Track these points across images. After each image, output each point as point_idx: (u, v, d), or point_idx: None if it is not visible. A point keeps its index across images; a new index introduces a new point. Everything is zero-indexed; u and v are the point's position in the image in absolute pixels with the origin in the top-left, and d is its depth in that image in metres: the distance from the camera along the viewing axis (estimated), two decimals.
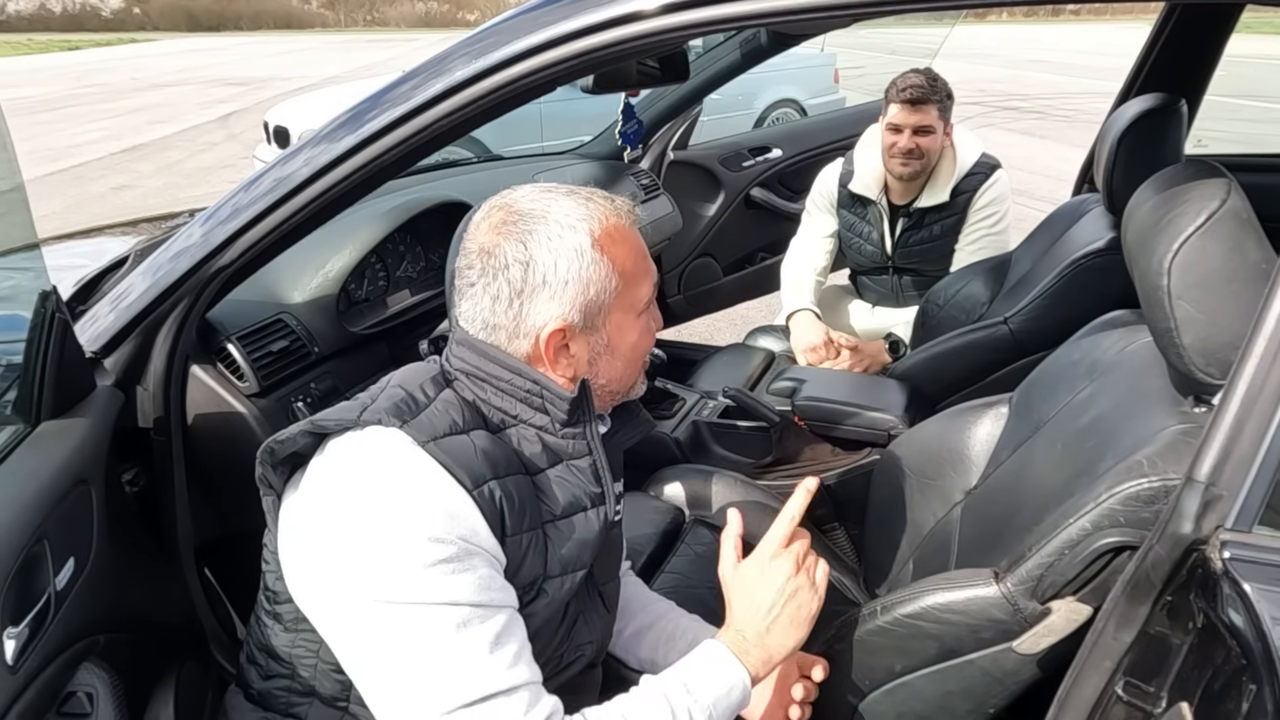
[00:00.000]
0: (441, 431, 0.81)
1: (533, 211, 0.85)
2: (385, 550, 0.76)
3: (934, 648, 1.00)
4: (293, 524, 0.83)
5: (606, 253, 0.85)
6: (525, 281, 0.84)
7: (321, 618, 0.83)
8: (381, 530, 0.76)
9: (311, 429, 0.82)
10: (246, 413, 1.30)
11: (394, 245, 1.74)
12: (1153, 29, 2.01)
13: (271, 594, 0.90)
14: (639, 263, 0.89)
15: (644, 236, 0.93)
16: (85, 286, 1.32)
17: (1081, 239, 1.74)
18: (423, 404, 0.84)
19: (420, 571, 0.76)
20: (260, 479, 0.86)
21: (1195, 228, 0.88)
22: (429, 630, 0.76)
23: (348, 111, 1.08)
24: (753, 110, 6.92)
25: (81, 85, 16.96)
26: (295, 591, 0.84)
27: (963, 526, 1.33)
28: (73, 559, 0.92)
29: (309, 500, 0.82)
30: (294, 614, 0.86)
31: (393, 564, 0.76)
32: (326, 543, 0.79)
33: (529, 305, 0.85)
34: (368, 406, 0.83)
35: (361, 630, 0.78)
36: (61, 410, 1.02)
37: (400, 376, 0.89)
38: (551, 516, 0.88)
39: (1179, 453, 0.86)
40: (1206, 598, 0.69)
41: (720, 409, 1.93)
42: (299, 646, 0.88)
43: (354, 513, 0.78)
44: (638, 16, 0.91)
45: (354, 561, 0.77)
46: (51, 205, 6.80)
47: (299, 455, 0.85)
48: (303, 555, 0.82)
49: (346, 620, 0.79)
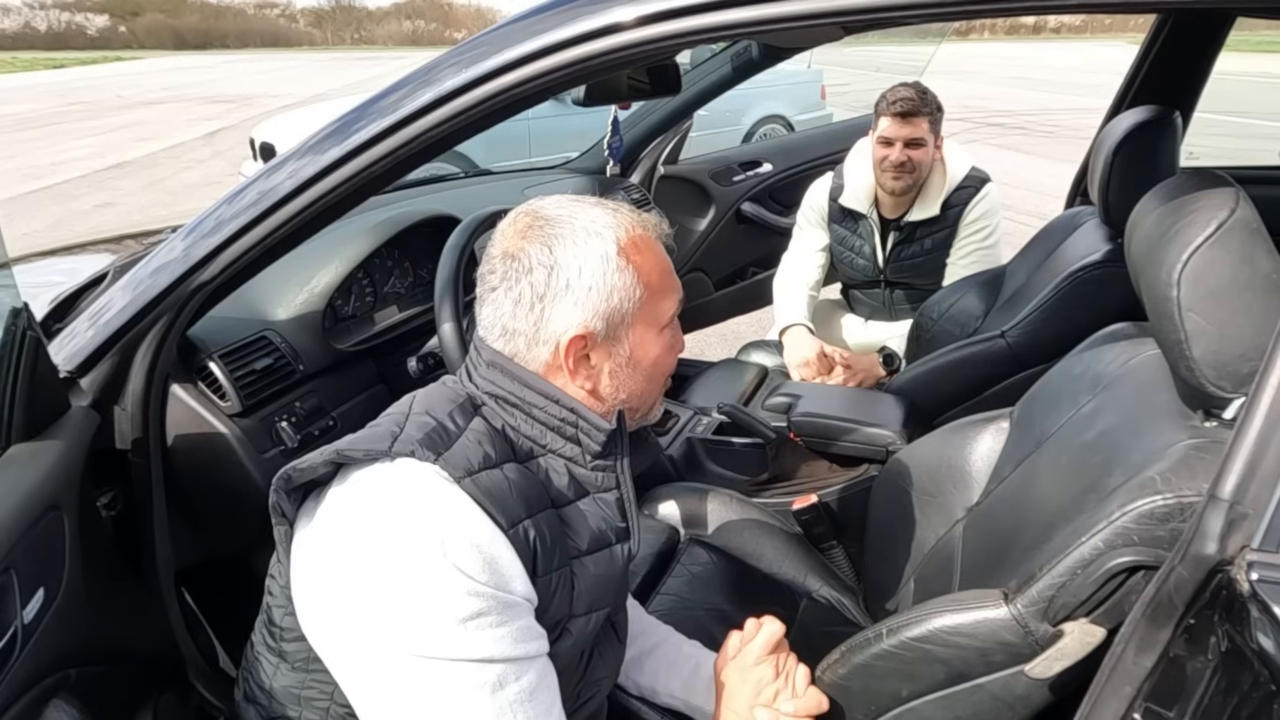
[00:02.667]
0: (477, 466, 0.77)
1: (559, 217, 0.83)
2: (420, 601, 0.71)
3: (942, 672, 0.97)
4: (311, 560, 0.77)
5: (632, 262, 0.83)
6: (549, 285, 0.81)
7: (341, 663, 0.77)
8: (417, 578, 0.71)
9: (337, 459, 0.77)
10: (229, 433, 1.26)
11: (381, 260, 1.71)
12: (1144, 41, 2.02)
13: (278, 630, 0.84)
14: (664, 277, 0.87)
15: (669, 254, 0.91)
16: (62, 304, 1.29)
17: (1078, 251, 1.73)
18: (454, 434, 0.79)
19: (456, 626, 0.71)
20: (274, 507, 0.80)
21: (1205, 237, 0.86)
22: (461, 689, 0.72)
23: (334, 122, 1.05)
24: (741, 126, 6.96)
25: (66, 103, 16.87)
26: (311, 632, 0.79)
27: (965, 544, 1.30)
28: (42, 589, 0.87)
29: (332, 536, 0.76)
30: (304, 653, 0.81)
31: (428, 617, 0.71)
32: (353, 587, 0.73)
33: (551, 310, 0.82)
34: (397, 436, 0.77)
35: (387, 683, 0.73)
36: (33, 432, 0.98)
37: (425, 401, 0.84)
38: (578, 552, 0.83)
39: (1192, 468, 0.84)
40: (1232, 621, 0.66)
41: (714, 425, 1.90)
42: (310, 688, 0.83)
43: (388, 558, 0.72)
44: (617, 28, 0.90)
45: (385, 611, 0.72)
46: (33, 223, 6.72)
47: (314, 483, 0.80)
48: (322, 595, 0.76)
49: (371, 670, 0.74)
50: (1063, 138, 9.70)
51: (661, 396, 0.94)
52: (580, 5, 0.92)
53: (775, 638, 0.98)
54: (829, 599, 1.47)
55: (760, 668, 0.97)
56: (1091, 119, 2.11)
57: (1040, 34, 45.21)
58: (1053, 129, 10.78)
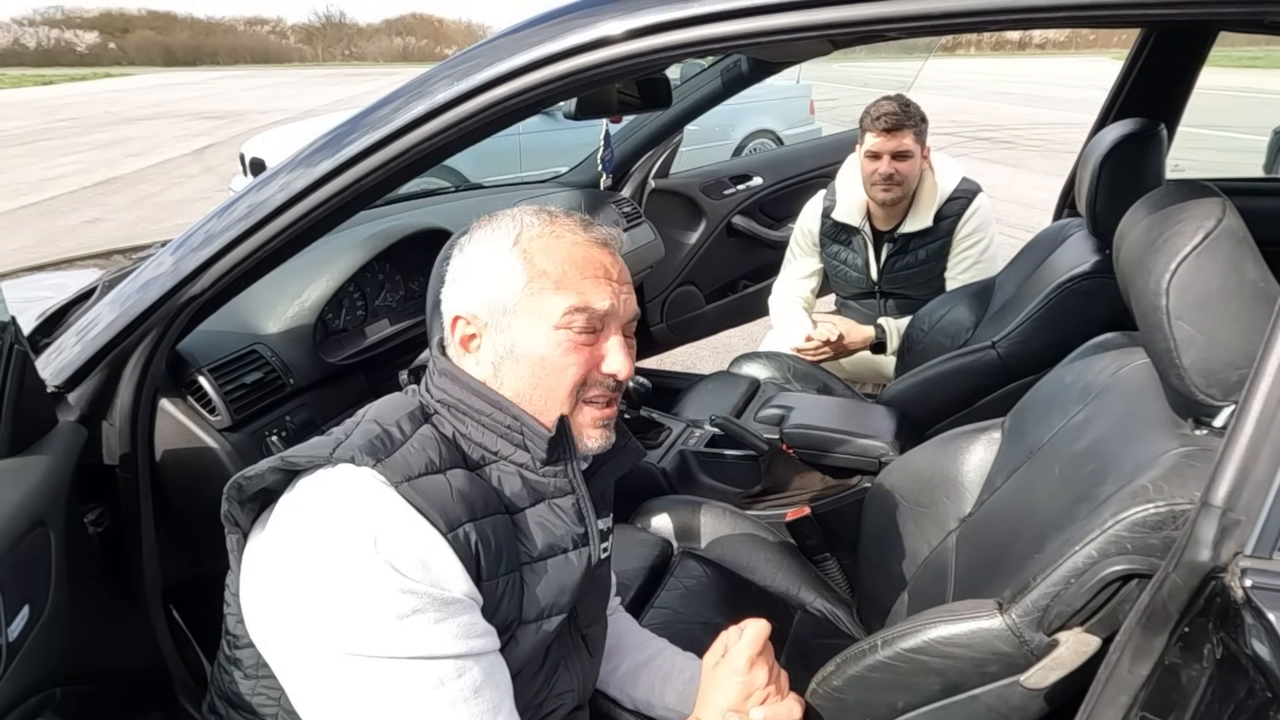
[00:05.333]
0: (416, 471, 0.78)
1: (497, 216, 0.89)
2: (355, 601, 0.72)
3: (937, 683, 0.96)
4: (256, 565, 0.78)
5: (525, 254, 0.85)
6: (454, 270, 0.88)
7: (283, 666, 0.78)
8: (350, 578, 0.72)
9: (282, 465, 0.78)
10: (218, 447, 1.25)
11: (372, 274, 1.71)
12: (1128, 55, 2.04)
13: (232, 638, 0.85)
14: (567, 275, 0.84)
15: (626, 264, 0.91)
16: (50, 319, 1.28)
17: (1066, 263, 1.75)
18: (398, 441, 0.80)
19: (393, 624, 0.72)
20: (225, 516, 0.82)
21: (1193, 247, 0.87)
22: (402, 688, 0.72)
23: (325, 135, 1.05)
24: (730, 140, 6.99)
25: (55, 119, 16.82)
26: (256, 637, 0.79)
27: (959, 555, 1.30)
28: (27, 607, 0.86)
29: (274, 541, 0.77)
30: (254, 659, 0.82)
31: (363, 616, 0.72)
32: (290, 588, 0.74)
33: (450, 291, 0.89)
34: (340, 443, 0.79)
35: (327, 683, 0.73)
36: (20, 448, 0.97)
37: (376, 410, 0.86)
38: (529, 558, 0.84)
39: (1184, 476, 0.84)
40: (1227, 628, 0.66)
41: (707, 438, 1.90)
42: (259, 694, 0.83)
43: (321, 558, 0.73)
44: (606, 42, 0.91)
45: (320, 611, 0.73)
46: (21, 239, 6.69)
47: (269, 492, 0.80)
48: (264, 599, 0.77)
49: (310, 671, 0.74)
50: (1050, 151, 9.79)
51: (596, 424, 0.88)
52: (570, 19, 0.93)
53: (763, 635, 0.96)
54: (823, 611, 1.46)
55: (756, 671, 0.94)
56: (1078, 133, 2.13)
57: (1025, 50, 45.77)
58: (1040, 143, 10.88)
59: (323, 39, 73.70)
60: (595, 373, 0.86)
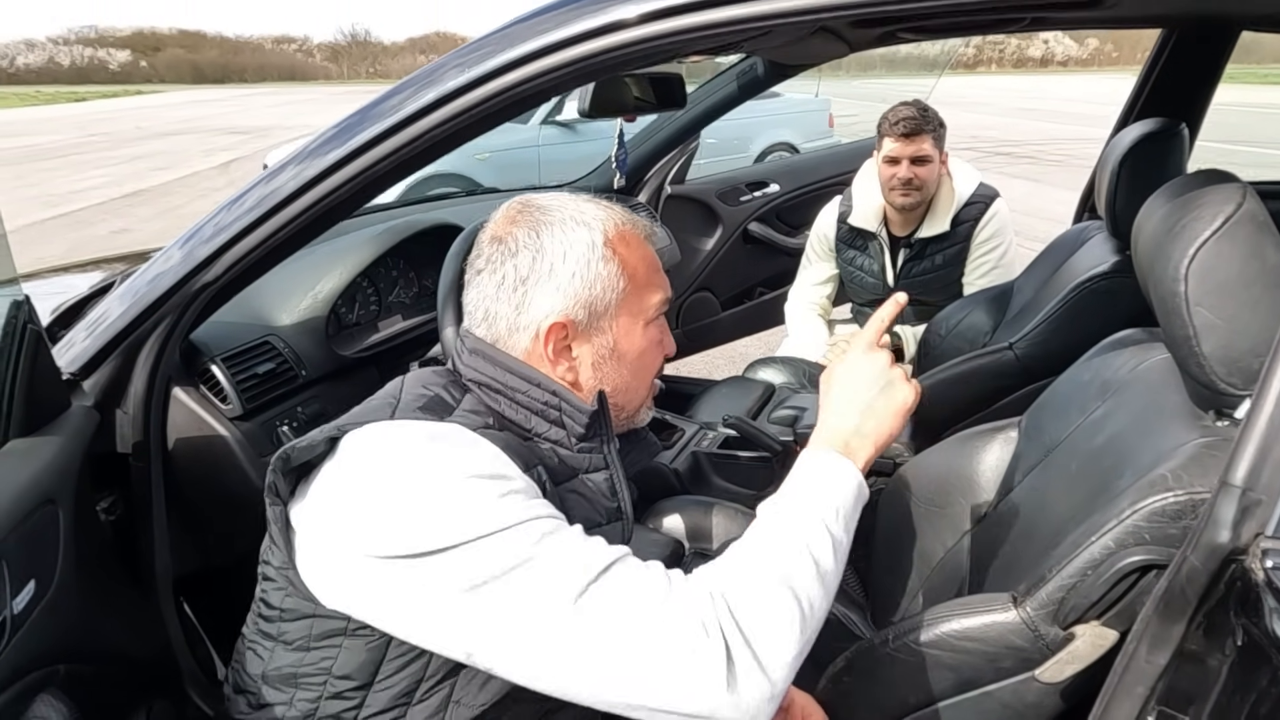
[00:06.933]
0: (481, 426, 0.79)
1: (549, 206, 0.85)
2: (455, 497, 0.70)
3: (950, 679, 0.94)
4: (321, 524, 0.75)
5: (618, 253, 0.84)
6: (532, 269, 0.82)
7: (392, 593, 0.72)
8: (448, 481, 0.71)
9: (337, 433, 0.76)
10: (229, 436, 1.25)
11: (386, 269, 1.72)
12: (1149, 55, 2.02)
13: (275, 612, 0.80)
14: (650, 273, 0.88)
15: (660, 258, 0.92)
16: (67, 312, 1.29)
17: (1085, 264, 1.72)
18: (452, 405, 0.81)
19: (494, 503, 0.70)
20: (269, 487, 0.78)
21: (1212, 232, 0.85)
22: (523, 542, 0.69)
23: (336, 124, 1.05)
24: (749, 153, 7.00)
25: (86, 134, 17.19)
26: (338, 595, 0.75)
27: (974, 556, 1.28)
28: (34, 581, 0.86)
29: (342, 492, 0.74)
30: (304, 631, 0.78)
31: (465, 506, 0.70)
32: (386, 518, 0.71)
33: (533, 294, 0.83)
34: (395, 406, 0.79)
35: (455, 574, 0.69)
36: (33, 428, 0.97)
37: (416, 380, 0.85)
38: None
39: (1204, 466, 0.82)
40: (1248, 613, 0.64)
41: (720, 440, 1.88)
42: (307, 666, 0.79)
43: (417, 475, 0.71)
44: (620, 25, 0.90)
45: (425, 518, 0.70)
46: (52, 249, 6.81)
47: (308, 464, 0.78)
48: (345, 550, 0.73)
49: (434, 576, 0.70)
50: (1072, 166, 9.70)
51: (650, 400, 0.94)
52: (583, 3, 0.93)
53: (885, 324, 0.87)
54: (836, 613, 1.43)
55: (873, 356, 0.84)
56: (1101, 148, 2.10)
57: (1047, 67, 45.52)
58: (1062, 158, 10.79)
59: (348, 57, 74.85)
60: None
